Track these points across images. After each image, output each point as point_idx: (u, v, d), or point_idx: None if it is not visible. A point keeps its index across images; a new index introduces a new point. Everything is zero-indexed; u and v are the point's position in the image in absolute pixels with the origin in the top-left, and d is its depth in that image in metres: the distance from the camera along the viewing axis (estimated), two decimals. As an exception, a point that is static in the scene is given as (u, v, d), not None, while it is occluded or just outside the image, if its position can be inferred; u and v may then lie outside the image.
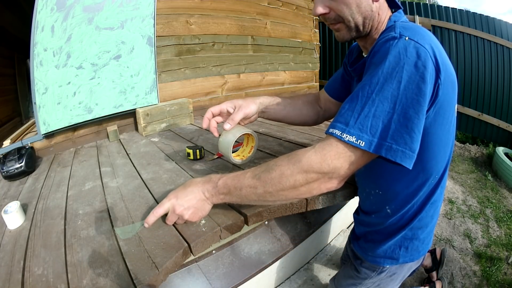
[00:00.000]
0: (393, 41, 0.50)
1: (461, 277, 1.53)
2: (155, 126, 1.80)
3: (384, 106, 0.48)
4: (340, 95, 0.88)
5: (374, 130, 0.48)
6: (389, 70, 0.49)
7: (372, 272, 0.79)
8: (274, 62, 2.77)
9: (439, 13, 3.50)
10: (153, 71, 1.81)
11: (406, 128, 0.48)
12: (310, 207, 0.86)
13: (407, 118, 0.48)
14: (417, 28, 0.53)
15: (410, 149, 0.48)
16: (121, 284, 0.58)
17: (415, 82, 0.48)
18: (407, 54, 0.48)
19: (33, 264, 0.67)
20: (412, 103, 0.48)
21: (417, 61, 0.48)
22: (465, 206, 2.24)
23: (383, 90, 0.48)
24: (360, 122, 0.49)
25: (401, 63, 0.48)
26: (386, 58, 0.49)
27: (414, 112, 0.48)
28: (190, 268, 0.86)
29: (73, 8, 1.39)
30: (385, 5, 0.63)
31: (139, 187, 1.02)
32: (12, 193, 1.11)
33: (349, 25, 0.61)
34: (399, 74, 0.48)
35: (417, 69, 0.48)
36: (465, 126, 3.71)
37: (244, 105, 0.81)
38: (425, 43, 0.49)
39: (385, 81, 0.49)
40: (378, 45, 0.53)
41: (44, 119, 1.43)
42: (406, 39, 0.49)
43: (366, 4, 0.59)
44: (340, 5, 0.59)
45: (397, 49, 0.49)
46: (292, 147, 1.32)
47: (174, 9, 1.96)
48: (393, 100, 0.48)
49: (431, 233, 0.75)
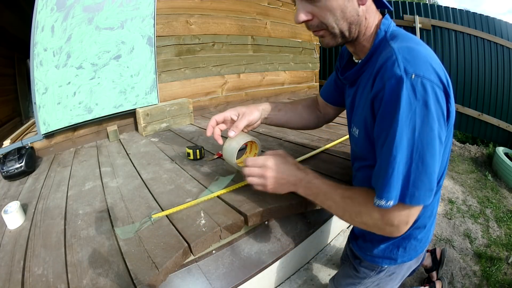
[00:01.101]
0: (401, 84, 0.48)
1: (461, 277, 1.53)
2: (155, 126, 1.80)
3: (402, 160, 0.50)
4: (336, 100, 0.87)
5: (398, 185, 0.51)
6: (403, 120, 0.49)
7: (371, 272, 0.79)
8: (274, 62, 2.77)
9: (439, 13, 3.50)
10: (153, 71, 1.81)
11: (425, 173, 0.50)
12: (310, 207, 0.87)
13: (426, 164, 0.49)
14: (414, 49, 0.51)
15: (430, 189, 0.51)
16: (121, 284, 0.59)
17: (428, 125, 0.48)
18: (416, 96, 0.48)
19: (33, 264, 0.67)
20: (428, 147, 0.49)
21: (427, 100, 0.48)
22: (465, 206, 2.24)
23: (401, 144, 0.49)
24: (386, 183, 0.51)
25: (412, 108, 0.48)
26: (399, 109, 0.48)
27: (430, 155, 0.49)
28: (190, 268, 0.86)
29: (73, 8, 1.39)
30: (373, 8, 0.60)
31: (139, 187, 1.02)
32: (12, 193, 1.11)
33: (333, 31, 0.59)
34: (412, 120, 0.48)
35: (428, 109, 0.48)
36: (465, 126, 3.71)
37: (248, 112, 0.82)
38: (430, 73, 0.48)
39: (401, 133, 0.49)
40: (386, 90, 0.51)
41: (44, 119, 1.44)
42: (412, 77, 0.48)
43: (351, 9, 0.56)
44: (323, 11, 0.56)
45: (407, 94, 0.48)
46: (292, 147, 1.32)
47: (174, 9, 1.96)
48: (410, 149, 0.49)
49: (429, 232, 0.75)
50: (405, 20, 3.68)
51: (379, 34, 0.59)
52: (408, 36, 0.57)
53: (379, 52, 0.58)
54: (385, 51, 0.55)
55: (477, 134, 3.67)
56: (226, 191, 0.91)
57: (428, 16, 3.57)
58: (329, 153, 1.21)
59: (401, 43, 0.53)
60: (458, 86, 3.54)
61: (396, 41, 0.55)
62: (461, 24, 3.39)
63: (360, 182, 0.70)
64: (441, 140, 0.50)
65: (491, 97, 3.44)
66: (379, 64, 0.54)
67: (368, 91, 0.58)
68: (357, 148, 0.67)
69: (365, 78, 0.62)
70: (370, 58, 0.61)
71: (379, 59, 0.56)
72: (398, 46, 0.53)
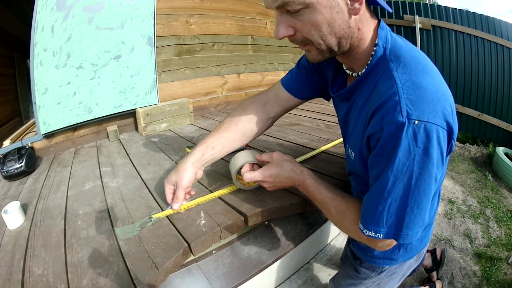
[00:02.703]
0: (402, 132, 0.44)
1: (461, 277, 1.53)
2: (155, 126, 1.80)
3: (397, 203, 0.48)
4: (305, 94, 0.83)
5: (389, 223, 0.50)
6: (399, 168, 0.46)
7: (372, 272, 0.79)
8: (274, 62, 2.77)
9: (439, 13, 3.50)
10: (153, 71, 1.81)
11: (419, 215, 0.49)
12: (310, 207, 0.87)
13: (421, 208, 0.48)
14: (421, 86, 0.45)
15: (422, 225, 0.50)
16: (121, 284, 0.59)
17: (427, 172, 0.46)
18: (417, 143, 0.44)
19: (33, 264, 0.67)
20: (425, 193, 0.47)
21: (428, 147, 0.44)
22: (465, 206, 2.24)
23: (394, 189, 0.48)
24: (376, 219, 0.51)
25: (411, 156, 0.45)
26: (396, 156, 0.45)
27: (426, 199, 0.48)
28: (190, 268, 0.86)
29: (73, 8, 1.39)
30: (367, 15, 0.52)
31: (139, 187, 1.02)
32: (12, 193, 1.11)
33: (320, 48, 0.52)
34: (410, 168, 0.46)
35: (429, 156, 0.45)
36: (465, 126, 3.71)
37: (179, 180, 0.77)
38: (435, 115, 0.44)
39: (396, 179, 0.47)
40: (384, 134, 0.47)
41: (44, 119, 1.43)
42: (415, 123, 0.44)
43: (341, 22, 0.48)
44: (307, 27, 0.48)
45: (406, 141, 0.44)
46: (292, 147, 1.32)
47: (174, 9, 1.96)
48: (405, 195, 0.47)
49: (430, 230, 0.76)
50: (405, 20, 3.68)
51: (378, 52, 0.53)
52: (410, 56, 0.51)
53: (377, 72, 0.53)
54: (386, 79, 0.50)
55: (477, 134, 3.67)
56: (226, 192, 0.91)
57: (428, 16, 3.57)
58: (329, 153, 1.21)
59: (405, 73, 0.48)
60: (458, 86, 3.53)
61: (398, 67, 0.49)
62: (461, 24, 3.39)
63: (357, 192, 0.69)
64: (436, 179, 0.48)
65: (491, 97, 3.44)
66: (379, 97, 0.49)
67: (364, 119, 0.54)
68: (353, 168, 0.65)
69: (361, 96, 0.57)
70: (367, 76, 0.55)
71: (378, 86, 0.51)
72: (402, 80, 0.47)
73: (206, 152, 0.80)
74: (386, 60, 0.51)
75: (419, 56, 0.51)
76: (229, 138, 0.83)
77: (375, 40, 0.54)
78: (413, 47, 0.54)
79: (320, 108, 2.08)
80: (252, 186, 0.91)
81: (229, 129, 0.83)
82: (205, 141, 0.82)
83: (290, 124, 1.71)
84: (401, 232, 0.50)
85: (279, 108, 0.86)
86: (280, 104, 0.85)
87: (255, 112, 0.84)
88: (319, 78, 0.78)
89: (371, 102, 0.52)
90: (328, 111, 1.98)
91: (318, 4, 0.45)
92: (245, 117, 0.84)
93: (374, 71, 0.54)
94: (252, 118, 0.84)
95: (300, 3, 0.45)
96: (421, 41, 3.64)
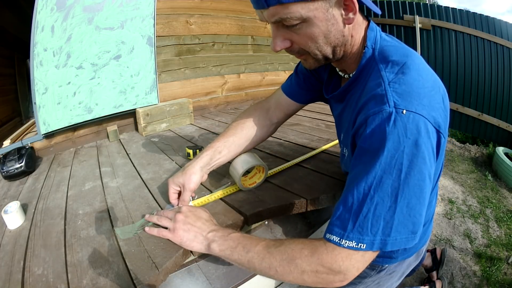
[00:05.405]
0: (389, 122, 0.43)
1: (461, 277, 1.53)
2: (155, 126, 1.80)
3: (384, 203, 0.44)
4: (305, 98, 0.85)
5: (376, 229, 0.44)
6: (388, 160, 0.43)
7: (372, 271, 0.79)
8: (274, 62, 2.77)
9: (439, 13, 3.51)
10: (153, 71, 1.81)
11: (409, 217, 0.44)
12: (310, 207, 0.87)
13: (411, 208, 0.44)
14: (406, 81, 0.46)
15: (413, 232, 0.45)
16: (121, 284, 0.58)
17: (417, 166, 0.43)
18: (407, 134, 0.42)
19: (33, 264, 0.67)
20: (415, 191, 0.44)
21: (418, 139, 0.43)
22: (465, 206, 2.24)
23: (382, 184, 0.44)
24: (359, 224, 0.45)
25: (400, 147, 0.43)
26: (384, 147, 0.43)
27: (417, 199, 0.44)
28: (190, 268, 0.86)
29: (73, 8, 1.39)
30: (359, 20, 0.53)
31: (139, 187, 1.02)
32: (12, 193, 1.11)
33: (316, 57, 0.54)
34: (398, 161, 0.43)
35: (418, 149, 0.43)
36: (465, 126, 3.71)
37: (187, 182, 0.77)
38: (423, 108, 0.43)
39: (384, 173, 0.43)
40: (371, 126, 0.45)
41: (44, 119, 1.43)
42: (403, 113, 0.43)
43: (336, 32, 0.49)
44: (303, 39, 0.50)
45: (396, 132, 0.43)
46: (292, 147, 1.32)
47: (174, 9, 1.96)
48: (394, 193, 0.43)
49: (429, 229, 0.76)
50: (405, 20, 3.68)
51: (367, 53, 0.54)
52: (397, 52, 0.51)
53: (367, 72, 0.54)
54: (374, 78, 0.50)
55: (477, 134, 3.68)
56: (227, 192, 0.91)
57: (428, 16, 3.57)
58: (329, 153, 1.21)
59: (393, 72, 0.48)
60: (458, 86, 3.54)
61: (387, 66, 0.50)
62: (461, 24, 3.40)
63: None
64: (430, 178, 0.45)
65: (491, 97, 3.45)
66: (366, 94, 0.50)
67: (352, 119, 0.54)
68: (347, 168, 0.64)
69: (354, 96, 0.58)
70: (358, 77, 0.57)
71: (367, 86, 0.52)
72: (389, 77, 0.48)
73: (214, 157, 0.81)
74: (375, 60, 0.53)
75: (407, 54, 0.51)
76: (235, 143, 0.84)
77: (365, 42, 0.55)
78: (402, 46, 0.54)
79: (320, 108, 2.08)
80: (254, 186, 0.92)
81: (235, 134, 0.85)
82: (213, 145, 0.83)
83: (290, 124, 1.71)
84: (389, 238, 0.45)
85: (281, 114, 0.89)
86: (281, 109, 0.88)
87: (259, 118, 0.87)
88: (316, 81, 0.80)
89: (360, 100, 0.53)
90: (328, 111, 1.98)
91: (315, 18, 0.46)
92: (249, 123, 0.86)
93: (364, 72, 0.55)
94: (256, 124, 0.86)
95: (298, 18, 0.46)
96: (421, 41, 3.64)
